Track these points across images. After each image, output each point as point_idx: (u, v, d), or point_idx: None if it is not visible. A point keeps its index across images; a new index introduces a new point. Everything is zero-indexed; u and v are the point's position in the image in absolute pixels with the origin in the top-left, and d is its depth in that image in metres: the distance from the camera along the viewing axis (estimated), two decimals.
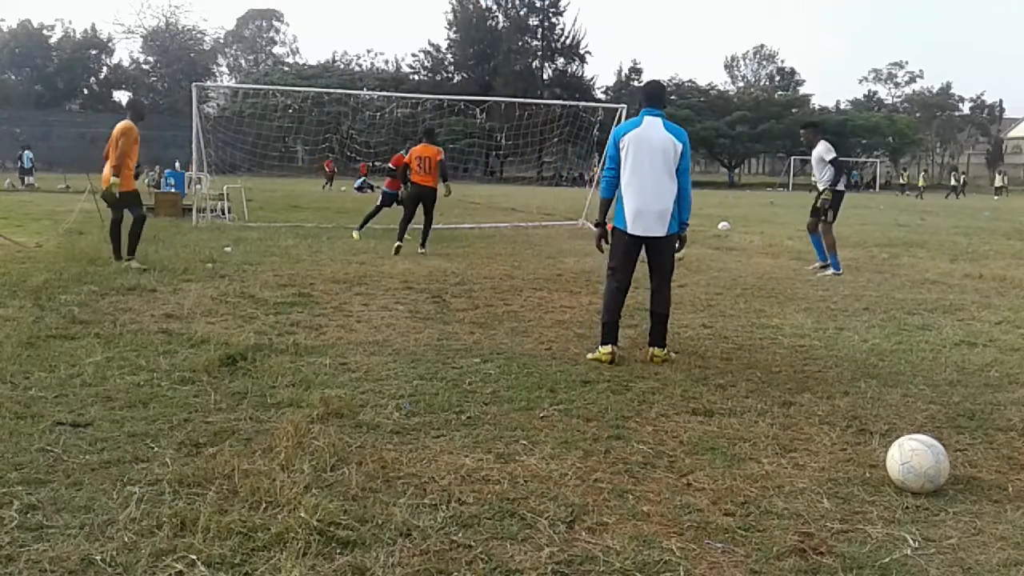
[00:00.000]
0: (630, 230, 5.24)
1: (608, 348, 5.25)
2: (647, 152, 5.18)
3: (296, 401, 4.18)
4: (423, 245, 11.55)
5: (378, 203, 13.62)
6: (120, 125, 8.94)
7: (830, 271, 9.94)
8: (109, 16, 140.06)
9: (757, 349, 5.79)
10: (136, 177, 9.18)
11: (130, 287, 7.58)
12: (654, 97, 5.45)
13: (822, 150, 9.94)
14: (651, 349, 5.34)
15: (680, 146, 5.21)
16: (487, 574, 2.56)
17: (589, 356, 5.35)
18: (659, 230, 5.22)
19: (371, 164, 45.43)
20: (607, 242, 5.47)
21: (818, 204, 10.00)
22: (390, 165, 13.61)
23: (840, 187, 10.08)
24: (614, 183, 5.31)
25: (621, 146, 5.25)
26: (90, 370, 4.63)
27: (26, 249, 10.32)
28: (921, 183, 54.03)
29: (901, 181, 58.64)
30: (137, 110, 9.45)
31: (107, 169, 8.87)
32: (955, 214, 26.68)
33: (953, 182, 50.64)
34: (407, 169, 11.54)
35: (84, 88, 69.56)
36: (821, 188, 10.06)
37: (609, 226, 5.49)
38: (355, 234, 13.07)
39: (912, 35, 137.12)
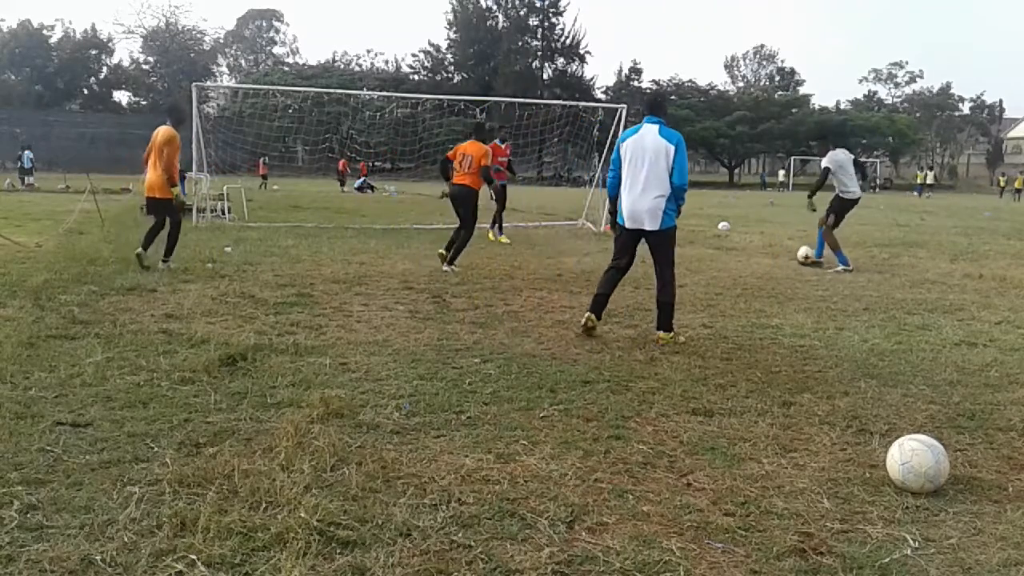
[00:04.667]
0: (626, 224, 5.97)
1: (588, 314, 5.99)
2: (640, 156, 5.83)
3: (296, 401, 4.18)
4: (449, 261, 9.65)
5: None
6: (164, 132, 8.66)
7: (839, 267, 10.31)
8: (109, 16, 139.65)
9: (757, 349, 5.79)
10: (181, 181, 8.95)
11: (130, 287, 7.58)
12: (653, 105, 6.13)
13: (827, 161, 10.46)
14: (657, 333, 5.95)
15: (672, 148, 5.78)
16: (487, 574, 2.56)
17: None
18: (651, 224, 5.84)
19: (371, 164, 45.37)
20: (614, 230, 6.26)
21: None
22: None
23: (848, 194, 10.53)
24: (614, 183, 6.07)
25: (622, 151, 5.96)
26: (90, 370, 4.62)
27: (26, 249, 10.31)
28: (931, 180, 53.78)
29: (929, 181, 54.04)
30: (179, 116, 9.21)
31: (156, 177, 8.67)
32: (955, 214, 26.68)
33: (919, 181, 51.00)
34: (448, 165, 10.05)
35: (84, 88, 69.48)
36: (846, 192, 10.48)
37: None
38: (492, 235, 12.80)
39: (912, 35, 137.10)
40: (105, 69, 70.38)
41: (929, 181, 53.79)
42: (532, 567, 2.59)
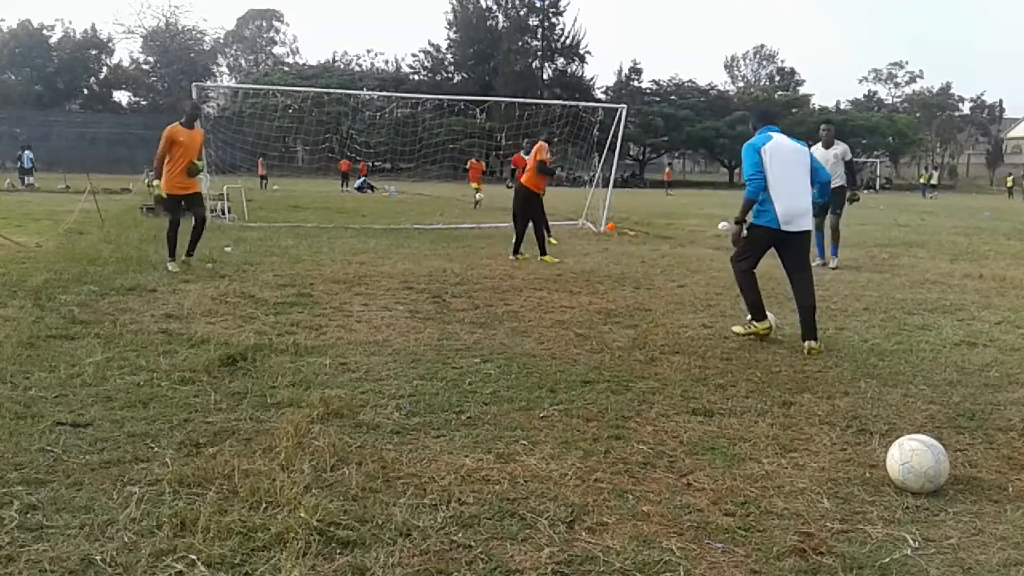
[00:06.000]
0: (783, 228, 5.77)
1: (765, 323, 5.91)
2: (787, 160, 5.86)
3: (296, 401, 4.18)
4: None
5: None
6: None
7: (833, 263, 10.65)
8: (109, 16, 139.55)
9: (757, 349, 5.79)
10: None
11: (130, 287, 7.58)
12: (767, 116, 6.30)
13: (841, 151, 10.76)
14: (806, 343, 5.72)
15: (807, 150, 6.06)
16: (487, 574, 2.56)
17: (740, 330, 6.08)
18: (806, 224, 5.90)
19: (371, 164, 45.35)
20: (747, 235, 5.99)
21: (848, 203, 10.95)
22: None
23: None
24: (759, 188, 5.80)
25: (763, 156, 5.82)
26: (90, 370, 4.62)
27: (26, 249, 10.32)
28: (934, 181, 53.85)
29: (933, 182, 54.19)
30: (184, 116, 9.00)
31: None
32: (955, 214, 26.68)
33: (923, 181, 51.40)
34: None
35: (84, 88, 69.49)
36: (836, 184, 10.54)
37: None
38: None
39: (912, 35, 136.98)
40: (105, 69, 70.41)
41: (933, 182, 53.80)
42: (532, 567, 2.59)
